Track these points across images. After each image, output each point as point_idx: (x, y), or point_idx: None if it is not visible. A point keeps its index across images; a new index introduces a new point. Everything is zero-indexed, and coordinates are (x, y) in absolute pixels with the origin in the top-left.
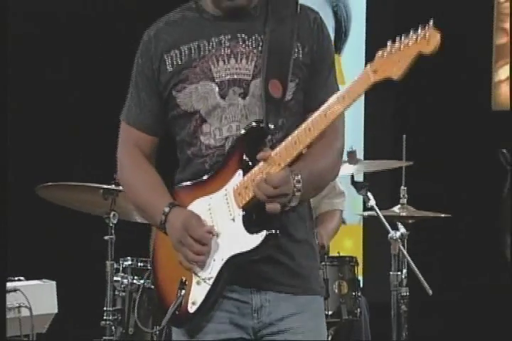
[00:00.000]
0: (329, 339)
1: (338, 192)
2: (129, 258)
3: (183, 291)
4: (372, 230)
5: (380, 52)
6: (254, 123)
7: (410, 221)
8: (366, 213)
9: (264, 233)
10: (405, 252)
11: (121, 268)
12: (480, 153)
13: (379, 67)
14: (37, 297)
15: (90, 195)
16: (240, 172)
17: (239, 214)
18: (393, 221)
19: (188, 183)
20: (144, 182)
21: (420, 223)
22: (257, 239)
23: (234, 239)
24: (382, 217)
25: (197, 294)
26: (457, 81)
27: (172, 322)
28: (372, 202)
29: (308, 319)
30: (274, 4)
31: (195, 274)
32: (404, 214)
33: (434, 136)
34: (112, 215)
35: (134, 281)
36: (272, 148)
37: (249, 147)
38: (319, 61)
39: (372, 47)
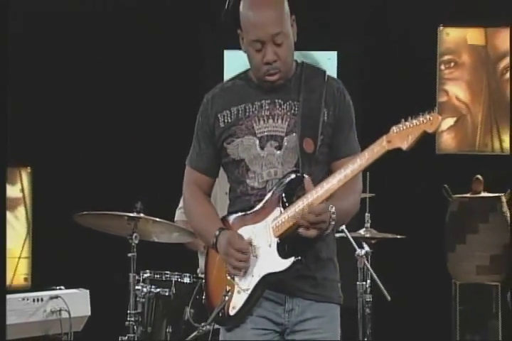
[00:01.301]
0: None
1: None
2: (148, 271)
3: (227, 298)
4: (343, 248)
5: (394, 128)
6: (293, 175)
7: (373, 241)
8: (338, 234)
9: (292, 259)
10: (369, 266)
11: (141, 279)
12: (427, 186)
13: (392, 139)
14: (74, 302)
15: (117, 221)
16: (278, 209)
17: (274, 242)
18: (359, 241)
19: (237, 215)
20: (200, 212)
21: (381, 243)
22: (286, 263)
23: (269, 261)
24: (350, 237)
25: (237, 301)
26: None
27: (216, 321)
28: (342, 226)
29: (326, 322)
30: (306, 76)
31: (237, 285)
32: (368, 235)
33: (392, 173)
34: (134, 236)
35: (152, 290)
36: (302, 189)
37: (287, 190)
38: (340, 122)
39: None
